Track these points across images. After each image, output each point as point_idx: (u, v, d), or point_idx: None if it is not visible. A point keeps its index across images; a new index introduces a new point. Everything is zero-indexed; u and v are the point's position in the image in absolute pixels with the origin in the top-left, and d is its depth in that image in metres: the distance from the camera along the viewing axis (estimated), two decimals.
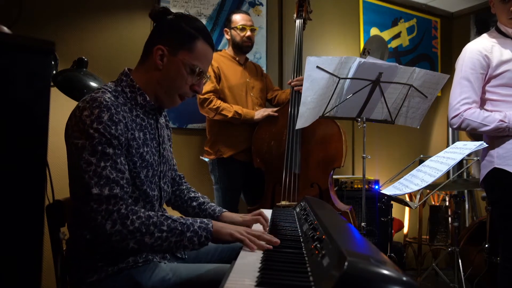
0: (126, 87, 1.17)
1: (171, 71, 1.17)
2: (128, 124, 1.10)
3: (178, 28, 1.18)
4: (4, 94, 0.83)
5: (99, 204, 0.98)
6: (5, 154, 0.83)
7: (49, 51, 0.90)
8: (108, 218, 0.98)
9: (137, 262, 1.12)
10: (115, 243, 0.99)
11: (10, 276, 0.84)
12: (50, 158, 0.94)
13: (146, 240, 1.00)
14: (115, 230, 0.98)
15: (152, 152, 1.19)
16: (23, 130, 0.86)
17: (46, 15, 2.51)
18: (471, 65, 1.83)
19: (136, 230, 0.99)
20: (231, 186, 2.49)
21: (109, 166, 1.02)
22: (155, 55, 1.16)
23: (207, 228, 1.07)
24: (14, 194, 0.84)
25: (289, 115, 2.40)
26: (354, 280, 0.58)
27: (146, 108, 1.19)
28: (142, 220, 1.01)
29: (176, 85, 1.19)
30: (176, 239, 1.03)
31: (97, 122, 1.02)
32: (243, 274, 0.79)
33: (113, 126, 1.04)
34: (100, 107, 1.03)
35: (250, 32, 2.54)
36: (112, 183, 1.01)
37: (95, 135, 1.01)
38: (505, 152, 1.77)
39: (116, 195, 1.00)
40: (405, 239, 3.59)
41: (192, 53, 1.18)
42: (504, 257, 1.81)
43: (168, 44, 1.16)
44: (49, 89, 0.93)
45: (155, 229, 1.01)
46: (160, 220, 1.03)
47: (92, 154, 1.01)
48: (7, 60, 0.84)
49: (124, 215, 1.00)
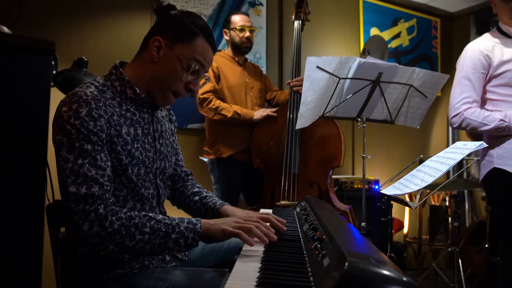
0: (116, 80, 1.11)
1: (166, 65, 1.11)
2: (112, 119, 1.05)
3: (180, 22, 1.12)
4: (4, 94, 0.83)
5: (76, 204, 0.94)
6: (5, 154, 0.83)
7: (49, 51, 0.90)
8: (86, 219, 0.93)
9: (133, 268, 1.07)
10: (93, 246, 0.94)
11: (11, 276, 0.84)
12: (50, 158, 0.94)
13: (127, 243, 0.94)
14: (93, 232, 0.93)
15: (144, 148, 1.13)
16: (23, 130, 0.86)
17: (46, 15, 2.51)
18: (472, 65, 1.83)
19: (115, 232, 0.94)
20: (231, 186, 2.49)
21: (87, 163, 0.97)
22: (152, 46, 1.11)
23: (195, 229, 0.99)
24: (14, 194, 0.84)
25: (288, 115, 2.40)
26: (354, 280, 0.58)
27: (138, 101, 1.13)
28: (122, 221, 0.95)
29: (170, 80, 1.13)
30: (160, 241, 0.96)
31: (74, 117, 0.98)
32: (243, 274, 0.79)
33: (92, 122, 0.99)
34: (79, 102, 0.99)
35: (249, 33, 2.55)
36: (91, 181, 0.96)
37: (72, 131, 0.97)
38: (504, 152, 1.77)
39: (93, 194, 0.95)
40: (405, 239, 3.59)
41: (190, 48, 1.12)
42: (504, 257, 1.81)
43: (167, 36, 1.11)
44: (49, 89, 0.93)
45: (136, 231, 0.95)
46: (143, 221, 0.97)
47: (69, 151, 0.97)
48: (7, 60, 0.84)
49: (103, 216, 0.94)
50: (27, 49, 0.88)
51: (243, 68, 2.61)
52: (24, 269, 0.86)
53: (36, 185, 0.88)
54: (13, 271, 0.85)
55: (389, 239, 1.83)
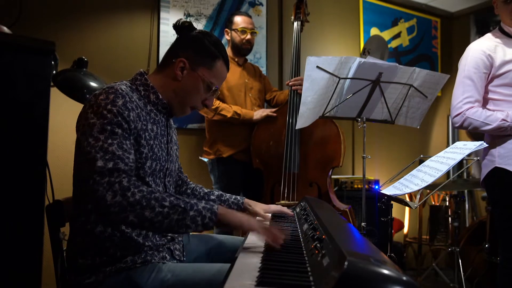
0: (140, 85, 1.23)
1: (189, 85, 1.24)
2: (141, 115, 1.15)
3: (202, 45, 1.25)
4: (4, 94, 0.83)
5: (102, 177, 0.99)
6: (5, 154, 0.83)
7: (49, 51, 0.91)
8: (109, 189, 0.98)
9: (136, 263, 1.11)
10: (114, 215, 0.98)
11: (11, 275, 0.84)
12: (50, 158, 0.94)
13: (146, 214, 0.98)
14: (115, 201, 0.97)
15: (161, 148, 1.23)
16: (23, 130, 0.86)
17: (46, 15, 2.51)
18: (474, 65, 1.84)
19: (136, 203, 0.98)
20: (231, 186, 2.49)
21: (116, 143, 1.04)
22: (176, 66, 1.22)
23: (212, 209, 1.04)
24: (14, 194, 0.84)
25: (288, 115, 2.41)
26: (354, 280, 0.58)
27: (158, 106, 1.24)
28: (144, 193, 1.00)
29: (191, 98, 1.26)
30: (178, 217, 1.00)
31: (111, 104, 1.06)
32: (243, 274, 0.79)
33: (126, 112, 1.08)
34: (116, 94, 1.09)
35: (250, 36, 2.55)
36: (117, 159, 1.02)
37: (108, 115, 1.05)
38: (506, 152, 1.77)
39: (119, 168, 1.01)
40: (405, 239, 3.59)
41: (212, 71, 1.25)
42: (504, 257, 1.81)
43: (190, 58, 1.23)
44: (49, 89, 0.94)
45: (156, 204, 0.99)
46: (163, 196, 1.01)
47: (101, 132, 1.04)
48: (7, 60, 0.84)
49: (126, 187, 0.99)
50: (27, 49, 0.88)
51: (243, 69, 2.61)
52: (24, 269, 0.86)
53: (36, 185, 0.88)
54: (13, 271, 0.85)
55: (389, 239, 1.84)
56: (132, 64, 2.77)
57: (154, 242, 1.18)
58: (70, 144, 2.52)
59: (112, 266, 1.09)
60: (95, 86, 1.75)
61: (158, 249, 1.19)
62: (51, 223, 1.19)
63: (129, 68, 2.77)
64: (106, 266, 1.09)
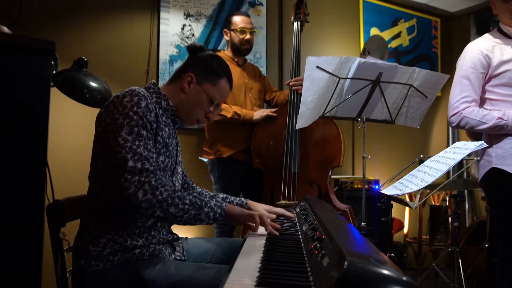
0: (153, 93, 1.35)
1: (194, 96, 1.37)
2: (158, 115, 1.27)
3: (210, 64, 1.39)
4: (4, 94, 0.83)
5: (133, 175, 1.13)
6: (5, 154, 0.83)
7: (49, 51, 0.90)
8: (141, 188, 1.12)
9: (143, 255, 1.20)
10: (143, 210, 1.14)
11: (11, 275, 0.84)
12: (50, 158, 0.94)
13: (171, 210, 1.15)
14: (146, 199, 1.12)
15: (172, 147, 1.34)
16: (23, 130, 0.86)
17: (46, 15, 2.51)
18: (471, 64, 1.84)
19: (164, 200, 1.14)
20: (231, 186, 2.49)
21: (142, 145, 1.17)
22: (185, 80, 1.36)
23: (221, 206, 1.24)
24: (15, 194, 0.84)
25: (288, 115, 2.41)
26: (354, 280, 0.58)
27: (168, 113, 1.36)
28: (169, 192, 1.16)
29: (195, 108, 1.38)
30: (195, 212, 1.19)
31: (137, 106, 1.19)
32: (243, 274, 0.79)
33: (148, 113, 1.21)
34: (139, 96, 1.21)
35: (249, 35, 2.54)
36: (145, 159, 1.16)
37: (134, 117, 1.18)
38: (503, 152, 1.77)
39: (148, 169, 1.15)
40: (405, 239, 3.59)
41: (216, 87, 1.38)
42: (502, 257, 1.81)
43: (198, 74, 1.37)
44: (49, 89, 0.93)
45: (179, 201, 1.17)
46: (183, 195, 1.19)
47: (129, 133, 1.16)
48: (7, 60, 0.84)
49: (154, 187, 1.14)
50: (27, 49, 0.88)
51: (242, 69, 2.60)
52: (24, 269, 0.86)
53: (36, 185, 0.88)
54: (13, 271, 0.85)
55: (389, 239, 1.84)
56: (132, 64, 2.77)
57: (161, 237, 1.29)
58: (70, 144, 2.54)
59: (120, 256, 1.17)
60: (95, 86, 1.75)
61: (164, 244, 1.28)
62: (51, 223, 1.19)
63: (129, 68, 2.77)
64: (114, 255, 1.17)
